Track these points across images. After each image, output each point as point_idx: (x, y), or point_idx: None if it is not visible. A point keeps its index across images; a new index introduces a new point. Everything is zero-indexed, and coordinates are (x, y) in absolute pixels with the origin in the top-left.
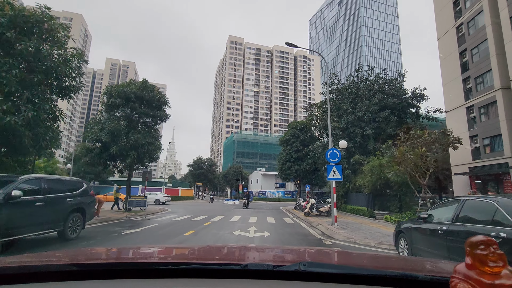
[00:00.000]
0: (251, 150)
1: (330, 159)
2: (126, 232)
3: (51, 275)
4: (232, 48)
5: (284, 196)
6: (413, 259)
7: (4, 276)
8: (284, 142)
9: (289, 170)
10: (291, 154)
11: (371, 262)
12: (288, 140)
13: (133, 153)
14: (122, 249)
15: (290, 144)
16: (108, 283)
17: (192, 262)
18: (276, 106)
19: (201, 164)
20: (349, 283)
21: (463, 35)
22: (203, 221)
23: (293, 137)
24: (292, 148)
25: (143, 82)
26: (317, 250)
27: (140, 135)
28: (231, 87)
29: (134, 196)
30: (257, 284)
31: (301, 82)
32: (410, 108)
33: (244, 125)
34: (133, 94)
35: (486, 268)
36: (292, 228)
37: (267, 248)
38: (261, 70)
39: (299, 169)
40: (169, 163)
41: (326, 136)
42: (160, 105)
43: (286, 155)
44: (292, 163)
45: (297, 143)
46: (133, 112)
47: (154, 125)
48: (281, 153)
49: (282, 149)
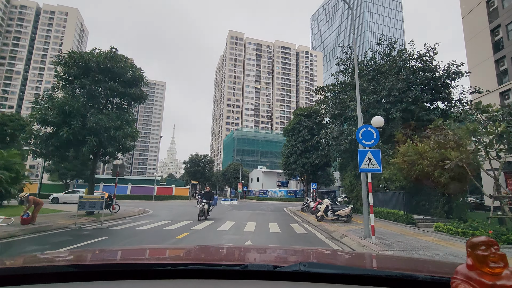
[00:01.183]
0: (251, 148)
1: (363, 140)
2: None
3: (50, 276)
4: (233, 43)
5: (287, 195)
6: (413, 259)
7: (3, 278)
8: (289, 132)
9: (295, 165)
10: (297, 145)
11: (371, 263)
12: (294, 129)
13: (91, 139)
14: (121, 250)
15: (296, 133)
16: (107, 284)
17: (191, 262)
18: (278, 103)
19: (198, 161)
20: (350, 284)
21: (495, 10)
22: (180, 231)
23: (299, 125)
24: (298, 139)
25: (110, 51)
26: (317, 250)
27: (104, 116)
28: (231, 83)
29: (88, 196)
30: (257, 285)
31: (303, 78)
32: (444, 89)
33: (245, 123)
34: (95, 63)
35: (487, 269)
36: (307, 242)
37: (267, 249)
38: (262, 66)
39: (307, 162)
40: (169, 162)
41: (338, 123)
42: (133, 81)
43: (291, 146)
44: (299, 155)
45: (304, 132)
46: (97, 87)
47: (128, 107)
48: (285, 144)
49: (286, 140)
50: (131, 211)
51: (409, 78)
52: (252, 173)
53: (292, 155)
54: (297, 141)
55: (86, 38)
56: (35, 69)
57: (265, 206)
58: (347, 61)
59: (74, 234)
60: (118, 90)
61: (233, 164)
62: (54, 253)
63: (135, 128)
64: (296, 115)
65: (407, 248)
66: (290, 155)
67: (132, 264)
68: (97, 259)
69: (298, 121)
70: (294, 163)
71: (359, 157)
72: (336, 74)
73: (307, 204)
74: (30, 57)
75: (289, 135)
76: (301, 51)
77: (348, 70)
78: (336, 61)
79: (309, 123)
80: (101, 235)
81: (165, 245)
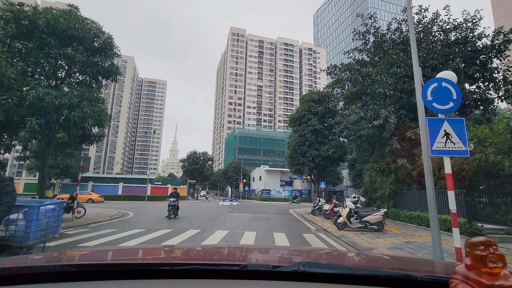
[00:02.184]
0: (253, 146)
1: (434, 103)
2: None
3: (50, 276)
4: (234, 40)
5: (291, 195)
6: (412, 259)
7: (3, 278)
8: (295, 120)
9: (303, 158)
10: (306, 135)
11: (370, 263)
12: (302, 116)
13: (32, 121)
14: (120, 250)
15: (304, 122)
16: (106, 284)
17: (191, 262)
18: (280, 101)
19: (196, 159)
20: (349, 284)
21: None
22: None
23: (308, 112)
24: (307, 128)
25: (70, 10)
26: (317, 250)
27: (55, 91)
28: (233, 80)
29: None
30: (256, 285)
31: (306, 75)
32: (485, 66)
33: (247, 121)
34: (44, 22)
35: (486, 269)
36: None
37: (267, 249)
38: (264, 63)
39: (318, 155)
40: (171, 162)
41: (358, 107)
42: (100, 50)
43: (299, 137)
44: (308, 147)
45: (314, 120)
46: (45, 54)
47: (95, 84)
48: (291, 135)
49: (292, 131)
50: (103, 215)
51: (445, 51)
52: (254, 171)
53: (299, 147)
54: (306, 130)
55: None
56: None
57: (268, 207)
58: (366, 34)
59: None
60: (77, 59)
61: (233, 162)
62: (54, 253)
63: (104, 108)
64: (305, 100)
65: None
66: (298, 147)
67: (131, 264)
68: (97, 259)
69: (307, 108)
70: (303, 156)
71: (429, 131)
72: (351, 52)
73: (319, 206)
74: None
75: (296, 124)
76: (304, 47)
77: (367, 45)
78: (353, 34)
79: (320, 109)
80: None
81: (165, 245)
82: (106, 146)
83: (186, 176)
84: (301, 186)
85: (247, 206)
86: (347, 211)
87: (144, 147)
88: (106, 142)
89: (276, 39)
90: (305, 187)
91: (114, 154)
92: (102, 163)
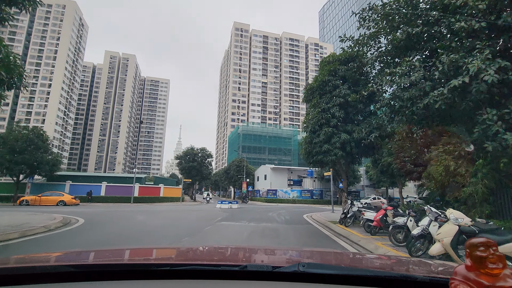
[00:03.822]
0: (258, 144)
1: None
2: None
3: (50, 276)
4: (237, 35)
5: (300, 196)
6: (412, 260)
7: (3, 278)
8: (314, 91)
9: (328, 145)
10: (331, 110)
11: (370, 264)
12: (324, 84)
13: None
14: (120, 250)
15: (328, 91)
16: (106, 284)
17: (190, 263)
18: (286, 98)
19: (193, 156)
20: (349, 284)
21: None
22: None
23: (333, 77)
24: (332, 100)
25: None
26: (316, 251)
27: None
28: (237, 77)
29: None
30: (256, 285)
31: (312, 72)
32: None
33: (251, 119)
34: None
35: (486, 269)
36: None
37: (267, 249)
38: (269, 59)
39: (350, 140)
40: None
41: (409, 65)
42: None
43: (320, 114)
44: (335, 129)
45: (343, 89)
46: None
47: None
48: (308, 113)
49: (309, 106)
50: (34, 224)
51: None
52: (258, 170)
53: (322, 128)
54: (331, 103)
55: (85, 34)
56: (31, 64)
57: (276, 211)
58: None
59: None
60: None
61: (236, 160)
62: (54, 253)
63: (8, 52)
64: (327, 62)
65: None
66: (319, 127)
67: (131, 264)
68: (97, 259)
69: (333, 71)
70: (327, 142)
71: None
72: None
73: (352, 212)
74: (27, 52)
75: (316, 95)
76: (310, 43)
77: None
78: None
79: (350, 73)
80: None
81: (165, 246)
82: (108, 145)
83: (182, 175)
84: (312, 185)
85: (250, 210)
86: (451, 229)
87: (147, 147)
88: (107, 141)
89: (281, 34)
90: (317, 186)
91: (115, 154)
92: (103, 163)
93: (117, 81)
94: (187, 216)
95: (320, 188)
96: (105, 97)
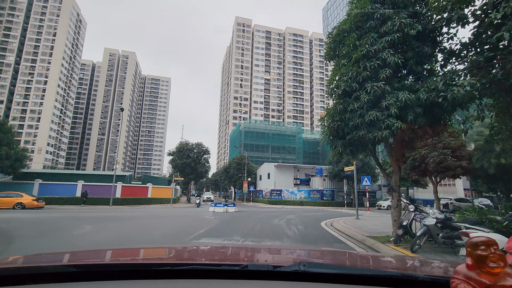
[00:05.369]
0: (261, 142)
1: None
2: None
3: (50, 276)
4: (239, 30)
5: (309, 197)
6: (413, 259)
7: (3, 278)
8: (348, 32)
9: (377, 111)
10: (382, 54)
11: (371, 263)
12: (365, 17)
13: None
14: (120, 250)
15: (372, 28)
16: (107, 284)
17: (191, 262)
18: (290, 95)
19: (187, 151)
20: (350, 284)
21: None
22: None
23: (380, 4)
24: (382, 41)
25: None
26: (317, 250)
27: None
28: (238, 74)
29: None
30: (257, 285)
31: (317, 68)
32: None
33: (254, 117)
34: None
35: (487, 268)
36: None
37: (267, 249)
38: (272, 55)
39: (412, 104)
40: None
41: None
42: None
43: (356, 63)
44: (386, 85)
45: (401, 17)
46: None
47: None
48: (334, 74)
49: (334, 66)
50: None
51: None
52: (261, 168)
53: (363, 86)
54: (377, 44)
55: (83, 30)
56: (27, 61)
57: (283, 217)
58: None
59: None
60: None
61: (236, 157)
62: (54, 253)
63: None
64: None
65: None
66: (359, 85)
67: (132, 264)
68: (97, 259)
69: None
70: (374, 107)
71: None
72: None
73: (424, 227)
74: (22, 48)
75: (350, 40)
76: (314, 38)
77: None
78: None
79: (407, 5)
80: None
81: (165, 246)
82: (107, 145)
83: (175, 173)
84: (321, 185)
85: (249, 215)
86: None
87: (147, 146)
88: (106, 141)
89: (285, 30)
90: (327, 186)
91: (115, 154)
92: (102, 163)
93: (116, 79)
94: (158, 226)
95: (331, 187)
96: (104, 95)
